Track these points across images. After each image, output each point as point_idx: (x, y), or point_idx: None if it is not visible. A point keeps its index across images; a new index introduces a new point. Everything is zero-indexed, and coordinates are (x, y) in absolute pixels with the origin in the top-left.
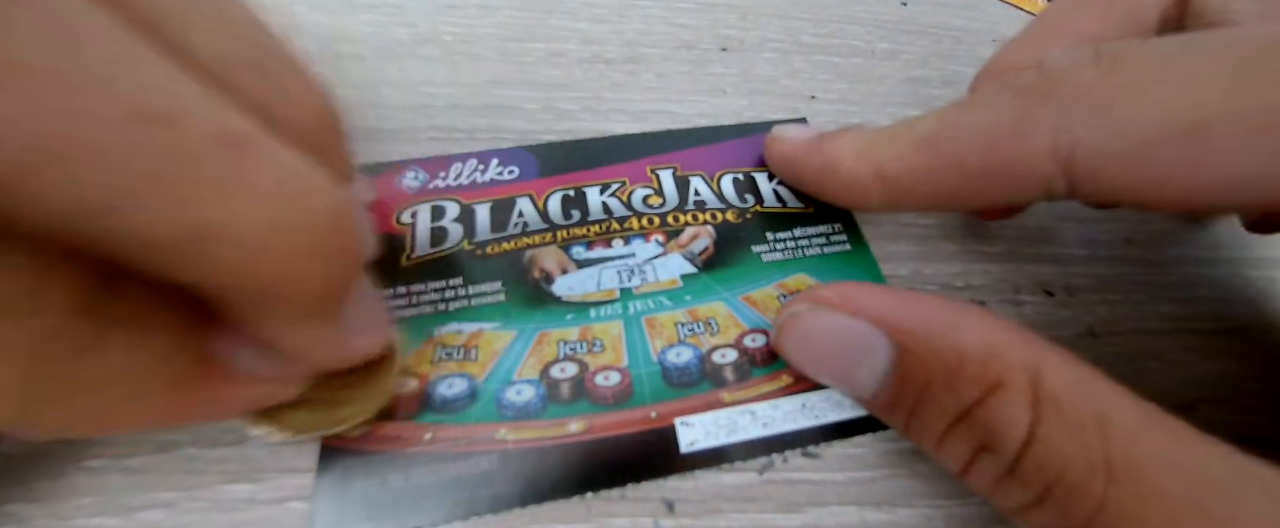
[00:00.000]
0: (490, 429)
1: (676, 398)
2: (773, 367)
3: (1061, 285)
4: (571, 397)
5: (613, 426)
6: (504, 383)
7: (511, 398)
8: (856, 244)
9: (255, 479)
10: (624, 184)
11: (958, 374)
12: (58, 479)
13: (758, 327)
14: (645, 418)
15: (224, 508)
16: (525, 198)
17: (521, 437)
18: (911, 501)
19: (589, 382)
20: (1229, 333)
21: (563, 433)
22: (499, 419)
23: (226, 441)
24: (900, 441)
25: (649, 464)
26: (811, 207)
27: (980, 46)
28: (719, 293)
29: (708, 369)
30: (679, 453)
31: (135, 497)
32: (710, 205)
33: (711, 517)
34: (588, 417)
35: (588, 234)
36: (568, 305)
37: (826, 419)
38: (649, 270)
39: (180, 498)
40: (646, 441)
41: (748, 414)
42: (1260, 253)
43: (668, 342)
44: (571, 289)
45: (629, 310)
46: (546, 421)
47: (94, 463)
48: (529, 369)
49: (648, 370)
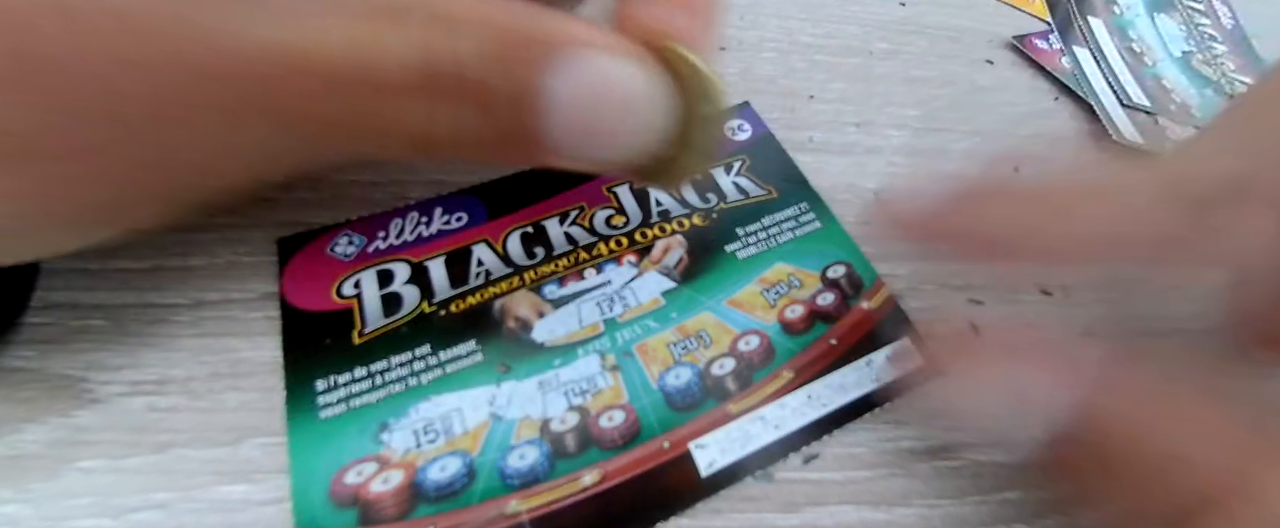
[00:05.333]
0: (498, 505)
1: (685, 422)
2: (772, 366)
3: (1058, 285)
4: (578, 448)
5: (628, 467)
6: (502, 450)
7: (515, 464)
8: (826, 221)
9: (250, 480)
10: (583, 209)
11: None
12: (52, 480)
13: (749, 329)
14: (659, 451)
15: (219, 509)
16: (481, 244)
17: (535, 505)
18: (909, 500)
19: (593, 427)
20: None
21: (578, 489)
22: (506, 491)
23: (222, 441)
24: (898, 440)
25: (675, 498)
26: (774, 190)
27: (979, 46)
28: (703, 303)
29: (709, 384)
30: (700, 478)
31: (130, 498)
32: (675, 213)
33: (711, 517)
34: (600, 465)
35: (557, 270)
36: (553, 351)
37: (834, 405)
38: (628, 295)
39: (175, 499)
40: (665, 474)
41: (758, 421)
42: None
43: (664, 366)
44: (552, 332)
45: (617, 342)
46: (558, 480)
47: (88, 464)
48: (527, 429)
49: (650, 400)
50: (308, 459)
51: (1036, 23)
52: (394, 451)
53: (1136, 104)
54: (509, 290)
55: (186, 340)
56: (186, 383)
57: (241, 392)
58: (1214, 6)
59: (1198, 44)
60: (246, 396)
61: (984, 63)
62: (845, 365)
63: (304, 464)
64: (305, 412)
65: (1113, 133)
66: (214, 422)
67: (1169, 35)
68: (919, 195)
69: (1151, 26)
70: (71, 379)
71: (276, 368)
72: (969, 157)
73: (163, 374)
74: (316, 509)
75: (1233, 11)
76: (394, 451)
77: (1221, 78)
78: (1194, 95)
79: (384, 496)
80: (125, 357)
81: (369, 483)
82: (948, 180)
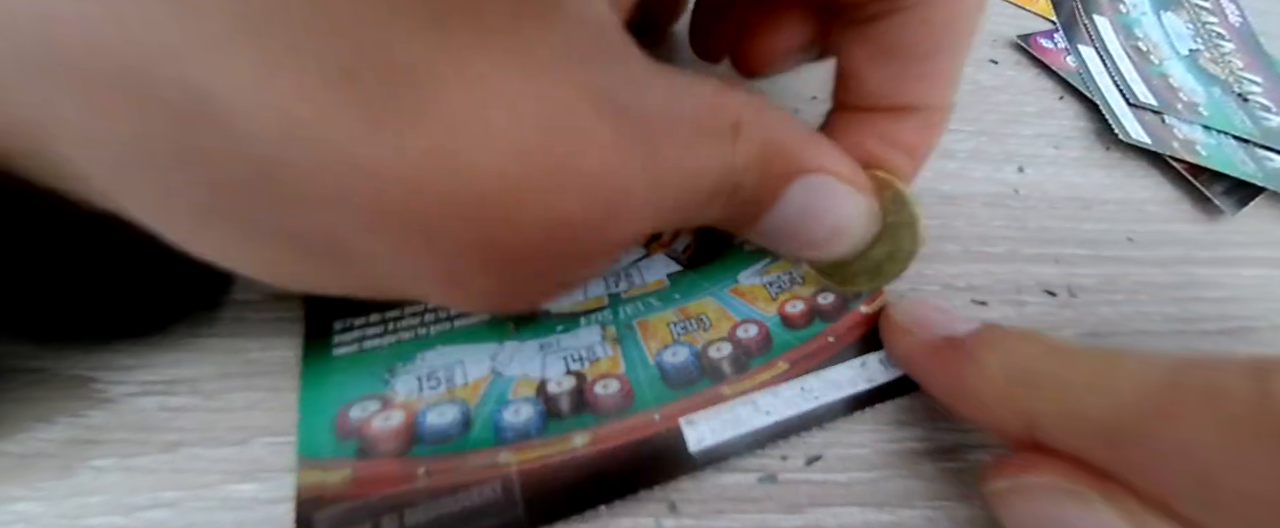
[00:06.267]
0: (490, 455)
1: (678, 398)
2: (768, 355)
3: (1063, 286)
4: (572, 410)
5: (618, 434)
6: (499, 404)
7: (510, 419)
8: None
9: (259, 479)
10: None
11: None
12: (64, 479)
13: (749, 318)
14: (650, 422)
15: (229, 507)
16: None
17: (525, 458)
18: (913, 501)
19: (588, 392)
20: (1232, 333)
21: (568, 449)
22: (498, 443)
23: (231, 440)
24: (902, 441)
25: (659, 469)
26: None
27: (983, 46)
28: (707, 289)
29: (705, 365)
30: (687, 453)
31: (140, 496)
32: None
33: (713, 518)
34: (592, 429)
35: None
36: (557, 318)
37: (827, 399)
38: (635, 274)
39: (185, 497)
40: (654, 445)
41: (749, 405)
42: (1262, 253)
43: (662, 343)
44: (558, 302)
45: (619, 316)
46: (549, 437)
47: (100, 462)
48: (524, 387)
49: (646, 374)
50: (318, 391)
51: (1041, 22)
52: (397, 392)
53: (1143, 103)
54: None
55: (197, 341)
56: (196, 383)
57: (251, 392)
58: (1222, 4)
59: (1205, 42)
60: (256, 395)
61: (988, 62)
62: (841, 363)
63: (313, 395)
64: (320, 348)
65: (1119, 132)
66: (224, 421)
67: (1175, 33)
68: (916, 327)
69: (1158, 24)
70: (83, 380)
71: (286, 368)
72: (973, 157)
73: (173, 374)
74: (320, 437)
75: (1240, 9)
76: (397, 392)
77: (1229, 76)
78: (1201, 94)
79: (384, 433)
80: (136, 357)
81: (371, 420)
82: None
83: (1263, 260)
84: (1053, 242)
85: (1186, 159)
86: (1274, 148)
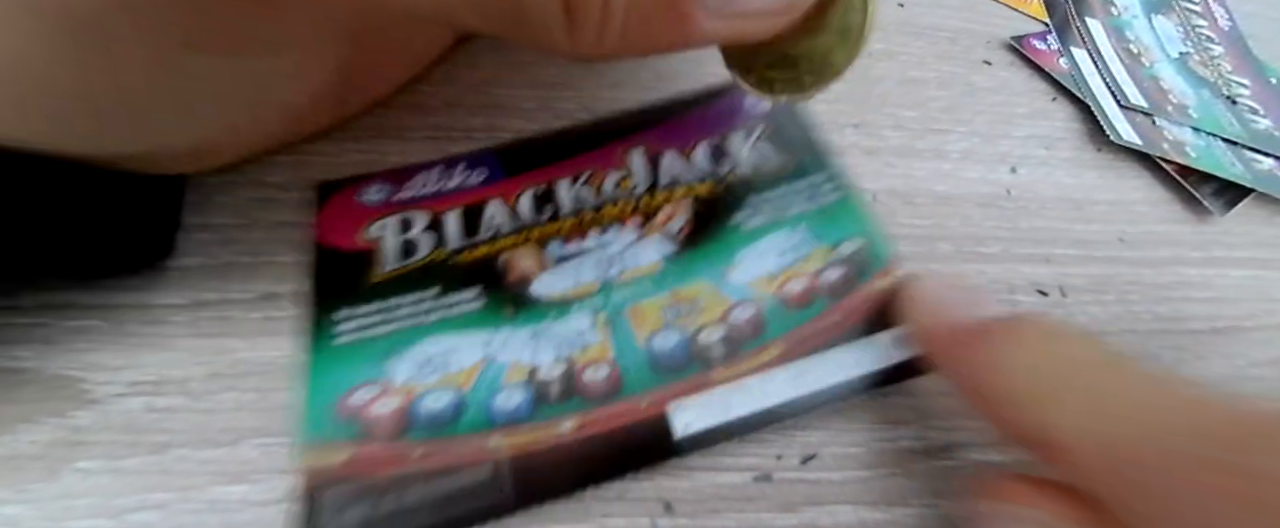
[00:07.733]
0: (481, 439)
1: (666, 384)
2: (761, 339)
3: (1055, 285)
4: (562, 396)
5: (605, 420)
6: (492, 390)
7: (501, 405)
8: (845, 195)
9: (248, 480)
10: (594, 173)
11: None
12: (51, 481)
13: (744, 300)
14: (637, 408)
15: (217, 509)
16: (496, 201)
17: (515, 442)
18: (907, 500)
19: (578, 378)
20: (1220, 333)
21: (556, 434)
22: (490, 428)
23: (220, 441)
24: (896, 439)
25: (644, 454)
26: (794, 161)
27: (976, 48)
28: (702, 271)
29: (695, 350)
30: (672, 440)
31: (128, 498)
32: (684, 180)
33: (709, 517)
34: (580, 414)
35: (563, 230)
36: (549, 305)
37: (817, 386)
38: (628, 258)
39: (173, 499)
40: (640, 431)
41: (739, 391)
42: (1250, 254)
43: (653, 329)
44: (551, 288)
45: (610, 302)
46: (539, 422)
47: (86, 464)
48: (516, 373)
49: (635, 360)
50: (321, 378)
51: (1034, 24)
52: (395, 379)
53: (1134, 105)
54: (516, 245)
55: (185, 341)
56: (185, 384)
57: (240, 392)
58: (1211, 8)
59: (1195, 45)
60: (245, 396)
61: (982, 64)
62: (842, 345)
63: (318, 381)
64: (324, 337)
65: (1110, 134)
66: (212, 422)
67: (1166, 36)
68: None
69: (1149, 28)
70: (69, 380)
71: (276, 369)
72: (967, 157)
73: (161, 375)
74: (323, 421)
75: (1229, 13)
76: (395, 379)
77: (1218, 79)
78: (1191, 96)
79: (382, 417)
80: (123, 357)
81: (371, 405)
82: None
83: (1251, 261)
84: (1045, 242)
85: (1176, 160)
86: (1262, 150)
